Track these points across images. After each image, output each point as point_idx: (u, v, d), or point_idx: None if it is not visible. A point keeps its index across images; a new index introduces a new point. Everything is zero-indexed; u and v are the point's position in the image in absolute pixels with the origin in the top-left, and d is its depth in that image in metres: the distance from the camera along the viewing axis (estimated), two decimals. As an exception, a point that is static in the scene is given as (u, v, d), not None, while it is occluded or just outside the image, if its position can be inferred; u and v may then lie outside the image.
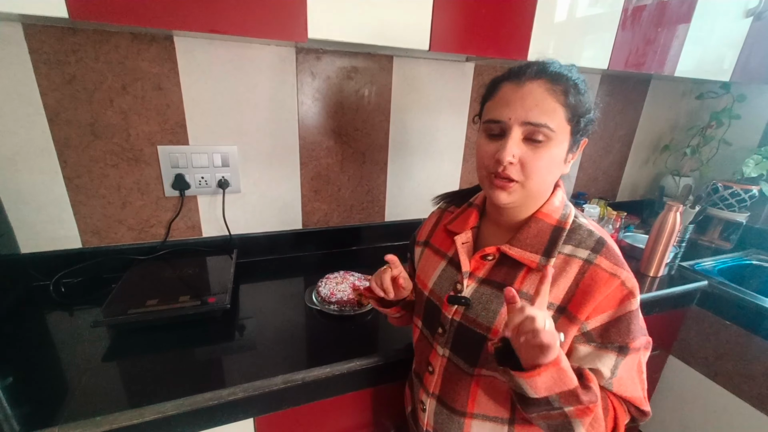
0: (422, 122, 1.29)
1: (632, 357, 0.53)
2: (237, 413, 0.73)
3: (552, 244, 0.56)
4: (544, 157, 0.52)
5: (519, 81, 0.53)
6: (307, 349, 0.84)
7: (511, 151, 0.52)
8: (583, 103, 0.53)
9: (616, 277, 0.52)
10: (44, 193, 0.95)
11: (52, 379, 0.71)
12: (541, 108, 0.51)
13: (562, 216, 0.58)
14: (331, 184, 1.24)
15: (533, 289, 0.55)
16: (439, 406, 0.65)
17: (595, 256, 0.54)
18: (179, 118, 1.00)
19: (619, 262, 0.54)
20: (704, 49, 1.25)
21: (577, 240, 0.56)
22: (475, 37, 0.92)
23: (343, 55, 1.11)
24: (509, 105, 0.52)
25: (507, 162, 0.52)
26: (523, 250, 0.57)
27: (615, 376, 0.53)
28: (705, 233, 1.54)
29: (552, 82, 0.52)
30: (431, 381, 0.66)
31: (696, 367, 1.31)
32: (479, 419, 0.61)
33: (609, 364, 0.53)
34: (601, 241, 0.56)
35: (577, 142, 0.56)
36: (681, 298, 1.22)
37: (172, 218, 1.08)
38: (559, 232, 0.57)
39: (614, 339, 0.53)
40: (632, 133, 1.69)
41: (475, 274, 0.61)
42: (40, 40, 0.85)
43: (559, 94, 0.51)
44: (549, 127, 0.51)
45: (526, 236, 0.57)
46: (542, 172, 0.53)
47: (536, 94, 0.51)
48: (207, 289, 0.95)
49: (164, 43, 0.93)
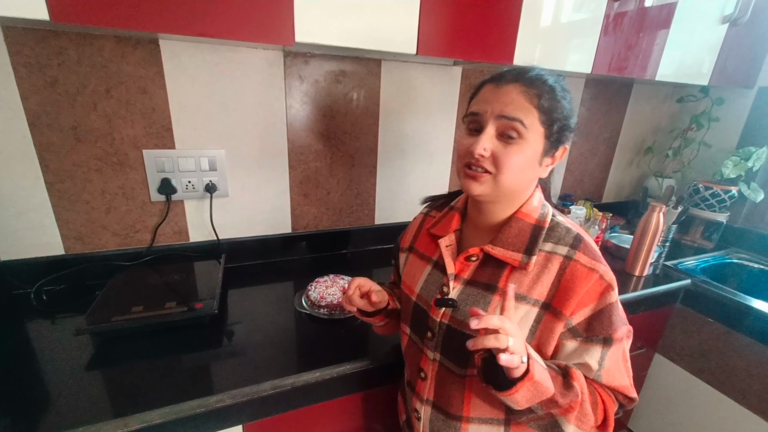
0: (411, 125, 1.29)
1: (616, 347, 0.56)
2: (225, 420, 0.72)
3: (533, 242, 0.58)
4: (516, 154, 0.54)
5: (498, 83, 0.56)
6: (296, 353, 0.83)
7: (483, 144, 0.54)
8: (557, 108, 0.55)
9: (594, 271, 0.55)
10: (25, 198, 0.93)
11: (33, 390, 0.69)
12: (516, 105, 0.54)
13: (541, 215, 0.60)
14: (320, 187, 1.24)
15: (517, 287, 0.57)
16: (434, 413, 0.65)
17: (574, 251, 0.57)
18: (165, 121, 0.99)
19: (596, 256, 0.57)
20: (683, 54, 1.28)
21: (557, 237, 0.59)
22: (462, 42, 0.93)
23: (332, 59, 1.11)
24: (487, 101, 0.56)
25: (478, 153, 0.54)
26: (506, 249, 0.59)
27: (603, 368, 0.56)
28: (687, 233, 1.58)
29: (527, 85, 0.55)
30: (424, 387, 0.66)
31: (681, 364, 1.33)
32: (476, 423, 0.61)
33: (596, 356, 0.56)
34: (579, 238, 0.58)
35: (553, 147, 0.58)
36: (665, 297, 1.25)
37: (158, 223, 1.07)
38: (539, 230, 0.59)
39: (598, 332, 0.55)
40: (616, 136, 1.73)
41: (460, 276, 0.62)
42: (21, 42, 0.83)
43: (532, 96, 0.54)
44: (522, 122, 0.53)
45: (508, 236, 0.59)
46: (513, 167, 0.55)
47: (512, 93, 0.54)
48: (194, 294, 0.93)
49: (149, 46, 0.92)
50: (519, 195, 0.60)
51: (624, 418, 1.50)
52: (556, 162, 0.60)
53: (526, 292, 0.57)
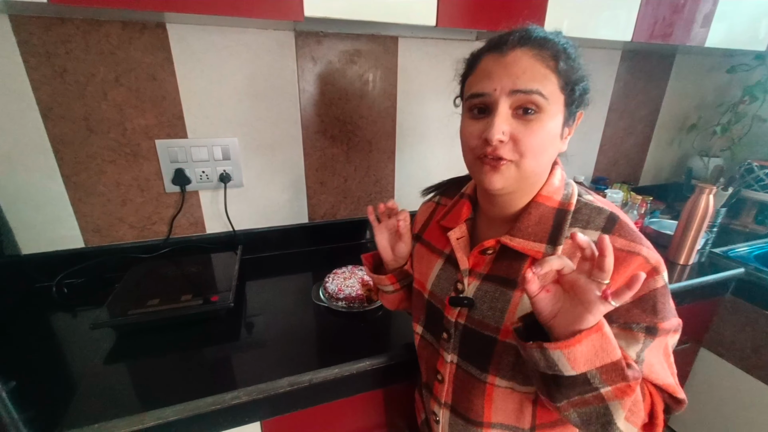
0: (431, 107, 1.22)
1: (660, 340, 0.46)
2: (242, 417, 0.69)
3: (557, 229, 0.50)
4: (539, 132, 0.46)
5: (501, 51, 0.47)
6: (314, 348, 0.79)
7: (500, 127, 0.45)
8: (575, 69, 0.47)
9: (635, 254, 0.46)
10: (42, 191, 0.92)
11: (54, 383, 0.69)
12: (530, 74, 0.45)
13: (564, 196, 0.52)
14: (337, 175, 1.19)
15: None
16: (453, 417, 0.60)
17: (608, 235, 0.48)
18: (176, 109, 0.96)
19: (636, 237, 0.48)
20: (736, 17, 1.14)
21: (585, 220, 0.50)
22: (486, 10, 0.85)
23: (345, 38, 1.05)
24: (492, 76, 0.46)
25: (496, 140, 0.45)
26: (526, 240, 0.51)
27: (642, 362, 0.46)
28: (738, 217, 1.44)
29: (539, 47, 0.46)
30: (442, 390, 0.61)
31: (731, 359, 1.23)
32: (498, 429, 0.56)
33: (636, 347, 0.46)
34: (612, 218, 0.49)
35: (572, 115, 0.49)
36: (714, 287, 1.14)
37: (173, 215, 1.05)
38: (564, 215, 0.50)
39: (640, 319, 0.46)
40: (656, 113, 1.59)
41: (475, 271, 0.55)
42: (28, 31, 0.81)
43: (548, 59, 0.45)
44: (541, 93, 0.44)
45: (527, 224, 0.51)
46: (538, 149, 0.47)
47: (522, 61, 0.45)
48: (210, 287, 0.91)
49: (156, 30, 0.89)
50: (541, 177, 0.52)
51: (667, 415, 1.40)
52: (572, 131, 0.52)
53: None
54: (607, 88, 1.45)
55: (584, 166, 1.57)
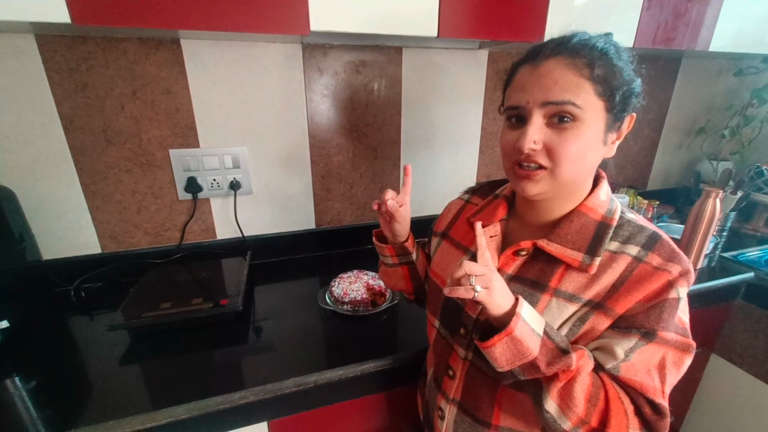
0: (435, 114, 1.24)
1: (656, 347, 0.46)
2: (250, 417, 0.72)
3: (597, 241, 0.50)
4: (574, 141, 0.46)
5: (535, 61, 0.48)
6: (320, 350, 0.81)
7: (532, 137, 0.46)
8: (616, 73, 0.47)
9: (666, 272, 0.46)
10: (63, 200, 0.97)
11: (72, 383, 0.72)
12: (562, 85, 0.45)
13: (608, 211, 0.52)
14: (343, 182, 1.22)
15: (574, 288, 0.49)
16: (460, 414, 0.60)
17: (646, 253, 0.48)
18: (189, 121, 1.00)
19: (675, 257, 0.47)
20: (742, 21, 1.14)
21: (625, 236, 0.50)
22: (487, 21, 0.87)
23: (351, 49, 1.08)
24: (525, 89, 0.48)
25: (528, 149, 0.47)
26: (564, 247, 0.51)
27: (627, 360, 0.46)
28: (749, 221, 1.42)
29: (572, 55, 0.46)
30: (452, 386, 0.61)
31: (743, 366, 1.20)
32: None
33: (626, 345, 0.46)
34: (655, 237, 0.49)
35: (618, 119, 0.49)
36: (724, 292, 1.13)
37: (186, 221, 1.09)
38: (605, 228, 0.50)
39: (640, 324, 0.46)
40: (663, 117, 1.58)
41: (503, 271, 0.56)
42: (52, 49, 0.86)
43: (582, 67, 0.45)
44: (574, 103, 0.45)
45: (567, 232, 0.51)
46: (573, 157, 0.47)
47: (555, 72, 0.46)
48: (220, 291, 0.94)
49: (171, 46, 0.93)
50: (582, 186, 0.52)
51: (676, 424, 1.37)
52: (623, 135, 0.51)
53: (579, 292, 0.49)
54: (612, 93, 1.45)
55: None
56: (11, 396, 0.69)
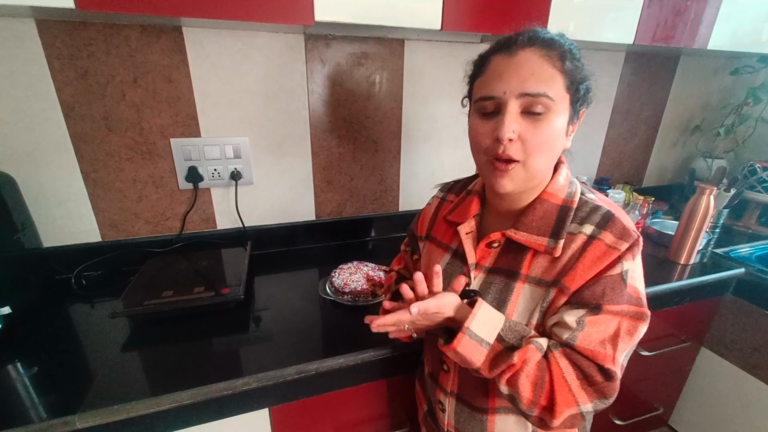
0: (436, 108, 1.25)
1: (606, 317, 0.49)
2: (252, 403, 0.73)
3: (559, 225, 0.53)
4: (546, 131, 0.48)
5: (510, 51, 0.49)
6: (321, 339, 0.83)
7: (510, 126, 0.48)
8: (579, 69, 0.50)
9: (616, 250, 0.49)
10: (63, 187, 0.97)
11: (74, 369, 0.72)
12: (538, 76, 0.47)
13: (568, 194, 0.55)
14: (343, 174, 1.22)
15: (541, 272, 0.53)
16: (459, 405, 0.63)
17: (600, 231, 0.51)
18: (190, 110, 1.00)
19: (625, 234, 0.50)
20: (739, 20, 1.16)
21: (582, 217, 0.53)
22: (490, 14, 0.87)
23: (353, 41, 1.08)
24: (502, 78, 0.49)
25: (507, 139, 0.48)
26: (530, 234, 0.54)
27: (582, 329, 0.49)
28: (741, 218, 1.44)
29: (547, 48, 0.48)
30: (448, 380, 0.64)
31: (730, 359, 1.24)
32: (502, 413, 0.59)
33: (575, 315, 0.49)
34: (608, 216, 0.52)
35: (576, 112, 0.52)
36: (715, 287, 1.15)
37: (186, 211, 1.09)
38: (566, 212, 0.53)
39: (588, 300, 0.49)
40: (659, 114, 1.60)
41: (481, 264, 0.58)
42: (53, 35, 0.85)
43: (555, 59, 0.48)
44: (548, 96, 0.47)
45: (532, 219, 0.54)
46: (544, 147, 0.49)
47: (531, 62, 0.47)
48: (221, 280, 0.95)
49: (173, 34, 0.93)
50: (547, 175, 0.55)
51: (664, 415, 1.41)
52: (575, 128, 0.54)
53: (545, 275, 0.53)
54: (610, 90, 1.47)
55: (587, 167, 1.59)
56: (14, 381, 0.69)
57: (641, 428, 1.39)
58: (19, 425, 0.60)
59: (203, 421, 0.70)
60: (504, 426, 0.59)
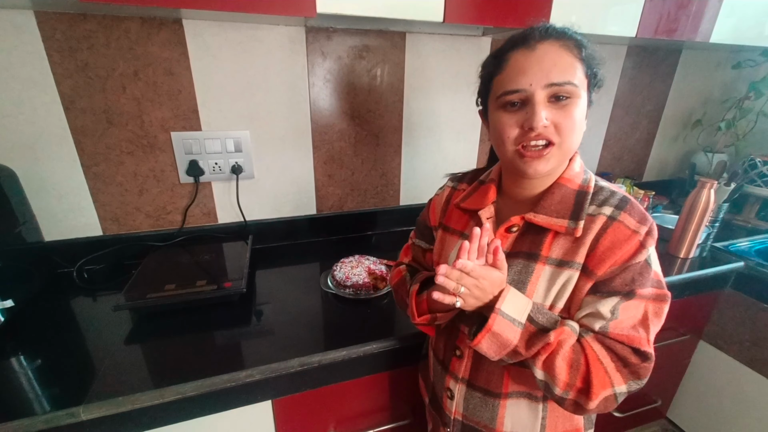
0: (437, 102, 1.24)
1: (637, 302, 0.51)
2: (255, 395, 0.73)
3: (578, 207, 0.54)
4: (575, 114, 0.51)
5: (528, 45, 0.51)
6: (323, 332, 0.83)
7: (543, 114, 0.50)
8: (594, 56, 0.53)
9: (638, 233, 0.51)
10: (64, 181, 0.97)
11: (78, 361, 0.73)
12: (560, 66, 0.50)
13: (584, 180, 0.57)
14: (344, 167, 1.22)
15: (562, 253, 0.54)
16: (470, 391, 0.63)
17: (619, 212, 0.53)
18: (191, 103, 1.00)
19: (643, 219, 0.53)
20: (742, 13, 1.15)
21: (601, 200, 0.55)
22: (492, 6, 0.87)
23: (354, 34, 1.07)
24: (526, 72, 0.50)
25: (541, 126, 0.50)
26: (549, 216, 0.55)
27: (615, 318, 0.51)
28: (740, 212, 1.45)
29: (563, 38, 0.51)
30: (460, 366, 0.64)
31: (729, 352, 1.25)
32: (514, 398, 0.60)
33: (609, 305, 0.51)
34: (625, 199, 0.54)
35: (590, 97, 0.55)
36: (714, 281, 1.16)
37: (187, 205, 1.09)
38: (584, 196, 0.55)
39: (620, 287, 0.51)
40: (661, 109, 1.60)
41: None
42: (52, 27, 0.85)
43: (572, 48, 0.51)
44: (573, 83, 0.50)
45: (551, 203, 0.56)
46: (575, 129, 0.52)
47: (551, 53, 0.50)
48: (223, 274, 0.95)
49: (173, 26, 0.92)
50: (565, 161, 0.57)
51: (662, 408, 1.43)
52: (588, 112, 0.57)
53: (567, 256, 0.54)
54: (612, 84, 1.46)
55: (588, 161, 1.58)
56: (17, 374, 0.70)
57: (640, 420, 1.40)
58: (24, 417, 0.60)
59: (207, 413, 0.71)
60: (515, 411, 0.60)
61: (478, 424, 0.63)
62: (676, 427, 1.44)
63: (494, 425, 0.61)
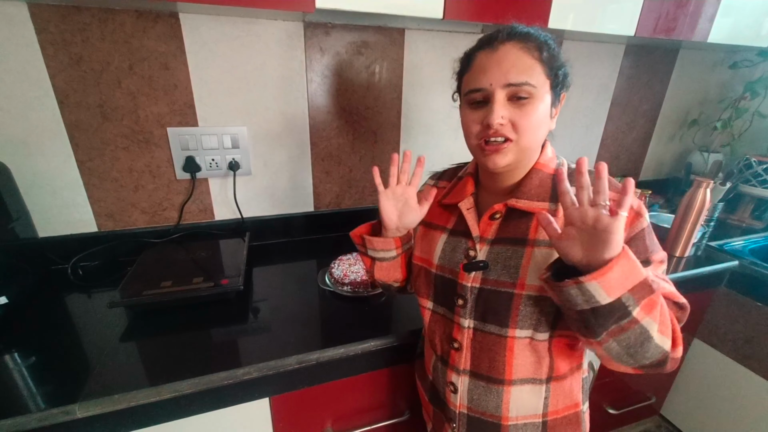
0: (436, 98, 1.24)
1: (655, 267, 0.53)
2: (252, 392, 0.73)
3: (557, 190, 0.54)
4: (532, 113, 0.53)
5: (492, 47, 0.54)
6: (321, 330, 0.83)
7: (499, 113, 0.53)
8: (556, 57, 0.55)
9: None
10: (58, 176, 0.95)
11: (72, 359, 0.72)
12: (519, 67, 0.52)
13: (558, 165, 0.60)
14: (342, 164, 1.22)
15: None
16: (473, 381, 0.63)
17: None
18: (188, 98, 0.99)
19: (620, 189, 0.50)
20: (739, 14, 1.16)
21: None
22: (491, 4, 0.87)
23: (353, 29, 1.07)
24: (486, 72, 0.54)
25: (497, 124, 0.53)
26: (531, 201, 0.57)
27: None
28: (735, 212, 1.46)
29: (524, 40, 0.53)
30: (460, 358, 0.63)
31: (723, 350, 1.26)
32: (518, 384, 0.60)
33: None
34: None
35: (558, 96, 0.57)
36: (709, 279, 1.17)
37: (184, 201, 1.08)
38: None
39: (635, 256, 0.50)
40: (657, 108, 1.60)
41: (484, 237, 0.61)
42: (45, 19, 0.83)
43: (533, 50, 0.53)
44: (530, 83, 0.52)
45: (530, 188, 0.58)
46: (532, 128, 0.54)
47: (511, 55, 0.53)
48: (220, 271, 0.94)
49: (169, 20, 0.91)
50: (535, 153, 0.60)
51: (657, 405, 1.44)
52: (558, 111, 0.59)
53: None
54: (610, 83, 1.47)
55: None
56: (11, 371, 0.69)
57: (634, 417, 1.42)
58: (19, 414, 0.60)
59: (204, 411, 0.71)
60: (519, 395, 0.60)
61: (484, 414, 0.63)
62: (670, 423, 1.46)
63: (500, 413, 0.61)
